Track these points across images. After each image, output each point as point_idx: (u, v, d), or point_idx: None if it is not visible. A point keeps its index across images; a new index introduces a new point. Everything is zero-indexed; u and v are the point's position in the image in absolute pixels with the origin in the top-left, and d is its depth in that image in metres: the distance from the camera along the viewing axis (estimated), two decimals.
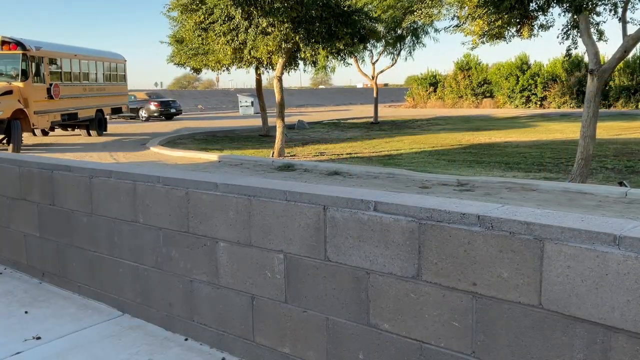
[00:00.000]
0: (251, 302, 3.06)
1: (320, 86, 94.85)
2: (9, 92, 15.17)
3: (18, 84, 15.73)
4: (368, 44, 24.24)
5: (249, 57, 14.78)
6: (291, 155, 14.73)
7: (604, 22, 12.87)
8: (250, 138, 20.86)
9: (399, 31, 25.26)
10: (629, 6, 10.06)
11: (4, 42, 15.70)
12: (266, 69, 19.69)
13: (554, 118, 31.17)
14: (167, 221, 3.40)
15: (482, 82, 45.87)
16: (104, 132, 21.30)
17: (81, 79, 19.64)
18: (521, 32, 11.23)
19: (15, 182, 4.56)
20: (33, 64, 16.11)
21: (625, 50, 9.51)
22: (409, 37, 26.88)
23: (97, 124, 20.56)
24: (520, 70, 43.14)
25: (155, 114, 32.56)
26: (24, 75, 15.93)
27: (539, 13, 10.63)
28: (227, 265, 3.14)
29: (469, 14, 11.20)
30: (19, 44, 15.84)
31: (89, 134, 20.57)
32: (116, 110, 22.99)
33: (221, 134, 22.47)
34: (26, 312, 3.86)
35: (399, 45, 27.31)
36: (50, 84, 17.09)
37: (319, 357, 2.80)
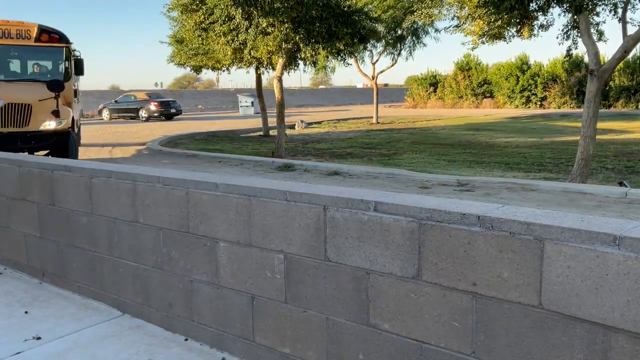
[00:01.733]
0: (251, 302, 3.06)
1: (320, 86, 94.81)
2: (57, 96, 11.87)
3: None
4: (368, 44, 24.24)
5: (249, 57, 14.78)
6: (291, 155, 14.73)
7: (604, 22, 12.87)
8: (250, 138, 20.88)
9: (399, 31, 25.26)
10: (629, 6, 10.06)
11: (42, 32, 12.18)
12: (266, 69, 19.69)
13: (554, 118, 31.19)
14: (167, 221, 3.40)
15: (482, 82, 45.90)
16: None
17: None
18: (521, 32, 11.23)
19: (15, 182, 4.56)
20: (73, 60, 12.81)
21: (625, 50, 9.51)
22: (409, 37, 26.89)
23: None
24: (521, 71, 43.17)
25: (155, 114, 32.59)
26: (67, 74, 12.52)
27: (539, 13, 10.63)
28: (227, 265, 3.14)
29: (469, 14, 11.21)
30: (61, 35, 12.51)
31: None
32: None
33: (221, 134, 22.50)
34: (26, 312, 3.86)
35: (399, 45, 27.31)
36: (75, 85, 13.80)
37: (319, 357, 2.80)
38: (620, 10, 10.02)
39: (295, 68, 17.92)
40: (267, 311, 2.99)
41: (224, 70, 19.75)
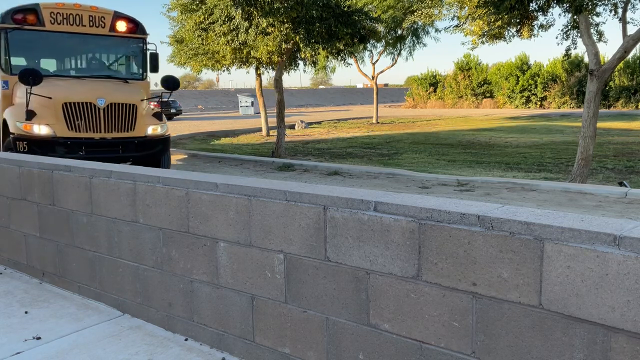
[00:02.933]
0: (251, 302, 3.06)
1: (320, 86, 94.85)
2: (163, 95, 10.09)
3: (141, 82, 10.48)
4: (368, 44, 24.25)
5: (249, 57, 14.79)
6: (291, 155, 14.73)
7: (604, 22, 12.91)
8: (250, 138, 20.87)
9: (399, 31, 25.27)
10: (629, 6, 10.06)
11: (119, 20, 10.24)
12: (266, 69, 19.70)
13: (554, 118, 31.20)
14: (167, 221, 3.40)
15: (482, 83, 45.94)
16: None
17: None
18: (521, 33, 11.24)
19: (15, 182, 4.56)
20: (149, 54, 10.78)
21: (625, 50, 9.51)
22: (409, 37, 26.90)
23: None
24: (520, 71, 43.19)
25: None
26: (145, 69, 10.65)
27: (539, 13, 10.64)
28: (227, 265, 3.14)
29: (469, 14, 11.23)
30: (138, 25, 10.63)
31: None
32: None
33: (221, 133, 22.51)
34: (26, 312, 3.86)
35: (399, 45, 27.33)
36: None
37: (319, 357, 2.80)
38: (620, 10, 10.02)
39: (295, 68, 17.94)
40: (267, 311, 2.99)
41: (224, 70, 19.76)
